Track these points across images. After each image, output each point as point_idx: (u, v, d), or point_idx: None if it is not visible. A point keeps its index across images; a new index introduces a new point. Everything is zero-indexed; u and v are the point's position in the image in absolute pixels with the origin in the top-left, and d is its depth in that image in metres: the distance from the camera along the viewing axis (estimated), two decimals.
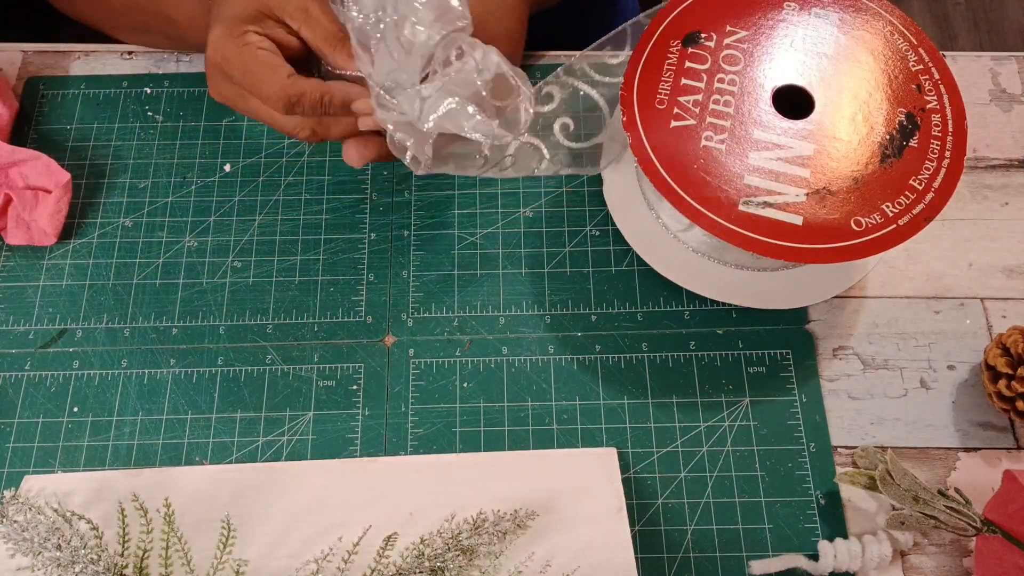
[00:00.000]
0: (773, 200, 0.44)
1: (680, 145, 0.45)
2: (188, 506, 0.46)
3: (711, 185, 0.44)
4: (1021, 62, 0.60)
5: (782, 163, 0.45)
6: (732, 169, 0.45)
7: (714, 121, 0.46)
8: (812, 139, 0.45)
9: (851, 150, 0.45)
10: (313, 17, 0.44)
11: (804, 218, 0.43)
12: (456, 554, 0.42)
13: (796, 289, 0.50)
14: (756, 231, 0.43)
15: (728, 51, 0.48)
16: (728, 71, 0.47)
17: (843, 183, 0.44)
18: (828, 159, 0.45)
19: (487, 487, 0.47)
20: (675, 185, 0.44)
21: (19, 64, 0.60)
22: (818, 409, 0.49)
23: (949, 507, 0.44)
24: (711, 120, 0.46)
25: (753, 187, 0.44)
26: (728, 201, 0.44)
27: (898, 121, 0.46)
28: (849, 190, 0.44)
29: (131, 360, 0.51)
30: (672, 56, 0.48)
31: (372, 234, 0.55)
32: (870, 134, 0.45)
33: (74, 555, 0.41)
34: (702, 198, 0.44)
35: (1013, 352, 0.47)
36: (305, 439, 0.49)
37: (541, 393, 0.50)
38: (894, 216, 0.44)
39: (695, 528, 0.47)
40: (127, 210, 0.55)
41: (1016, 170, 0.56)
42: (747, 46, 0.48)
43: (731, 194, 0.44)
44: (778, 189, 0.44)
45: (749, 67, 0.47)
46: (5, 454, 0.49)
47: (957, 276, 0.53)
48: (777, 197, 0.44)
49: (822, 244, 0.43)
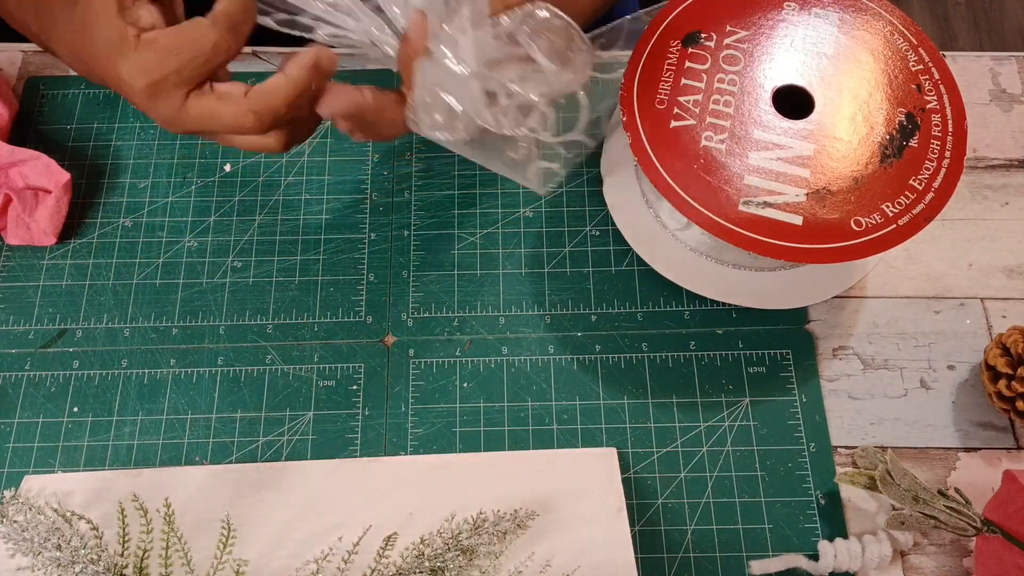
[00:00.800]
0: (773, 200, 0.44)
1: (680, 145, 0.45)
2: (188, 506, 0.46)
3: (711, 185, 0.44)
4: (1021, 62, 0.60)
5: (782, 163, 0.45)
6: (732, 169, 0.45)
7: (714, 121, 0.46)
8: (812, 139, 0.45)
9: (851, 150, 0.45)
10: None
11: (804, 218, 0.43)
12: (456, 554, 0.42)
13: (795, 289, 0.50)
14: (756, 231, 0.43)
15: (728, 51, 0.48)
16: (728, 71, 0.47)
17: (843, 183, 0.44)
18: (828, 159, 0.45)
19: (487, 487, 0.47)
20: (675, 184, 0.44)
21: (19, 64, 0.60)
22: (818, 409, 0.49)
23: (949, 507, 0.44)
24: (711, 120, 0.46)
25: (753, 187, 0.44)
26: (728, 201, 0.44)
27: (898, 121, 0.46)
28: (849, 190, 0.44)
29: (131, 360, 0.51)
30: (672, 56, 0.48)
31: (372, 234, 0.55)
32: (870, 134, 0.45)
33: (74, 555, 0.41)
34: (702, 198, 0.44)
35: (1013, 352, 0.47)
36: (305, 439, 0.49)
37: (541, 393, 0.50)
38: (894, 216, 0.44)
39: (695, 528, 0.47)
40: (127, 210, 0.55)
41: (1016, 170, 0.56)
42: (747, 46, 0.48)
43: (731, 194, 0.44)
44: (778, 189, 0.44)
45: (749, 67, 0.47)
46: (5, 454, 0.49)
47: (957, 276, 0.53)
48: (777, 197, 0.44)
49: (822, 244, 0.43)
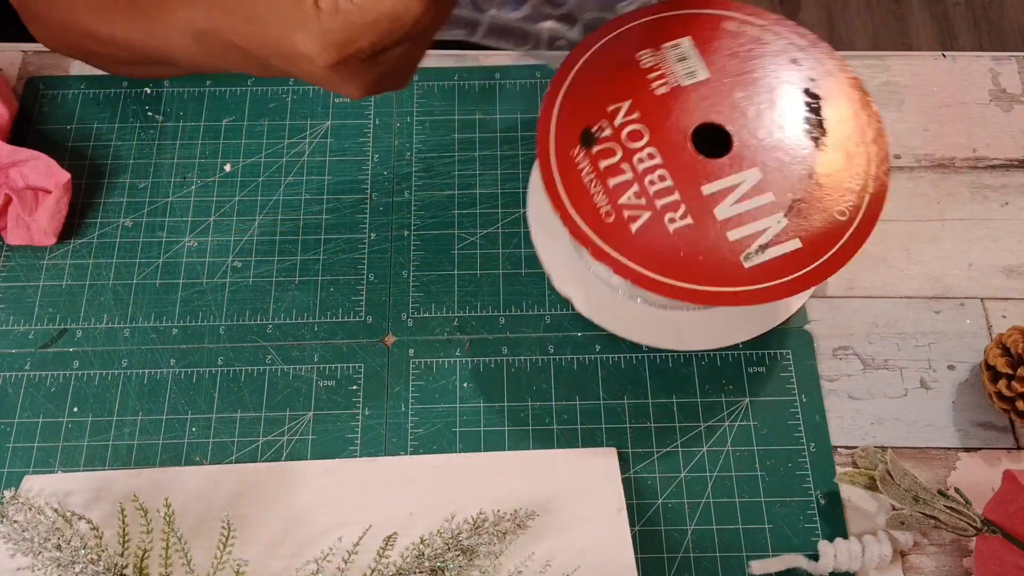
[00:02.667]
0: (764, 239, 0.42)
1: (655, 244, 0.42)
2: (188, 506, 0.46)
3: (706, 262, 0.42)
4: (1021, 62, 0.60)
5: (745, 202, 0.43)
6: (711, 235, 0.42)
7: (664, 201, 0.43)
8: (750, 163, 0.44)
9: (786, 150, 0.44)
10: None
11: (799, 238, 0.42)
12: (456, 554, 0.42)
13: (740, 318, 0.49)
14: (771, 277, 0.41)
15: (628, 128, 0.44)
16: (640, 147, 0.44)
17: (803, 184, 0.43)
18: (776, 172, 0.44)
19: (487, 487, 0.47)
20: (676, 282, 0.42)
21: (19, 64, 0.60)
22: (818, 409, 0.49)
23: (949, 507, 0.44)
24: (660, 202, 0.43)
25: (740, 239, 0.42)
26: (732, 265, 0.42)
27: (804, 102, 0.45)
28: (812, 187, 0.43)
29: (131, 360, 0.51)
30: (583, 165, 0.44)
31: (372, 234, 0.55)
32: (791, 126, 0.45)
33: (74, 555, 0.41)
34: (707, 278, 0.42)
35: (1013, 352, 0.47)
36: (305, 439, 0.49)
37: (541, 393, 0.50)
38: (861, 188, 0.43)
39: (695, 528, 0.47)
40: (127, 210, 0.55)
41: (1016, 170, 0.56)
42: (639, 114, 0.45)
43: (729, 257, 0.42)
44: (759, 227, 0.42)
45: (656, 133, 0.44)
46: (5, 454, 0.49)
47: (957, 276, 0.53)
48: (764, 234, 0.42)
49: (828, 251, 0.42)
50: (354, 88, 0.36)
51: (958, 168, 0.56)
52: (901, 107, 0.58)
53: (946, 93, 0.59)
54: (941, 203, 0.55)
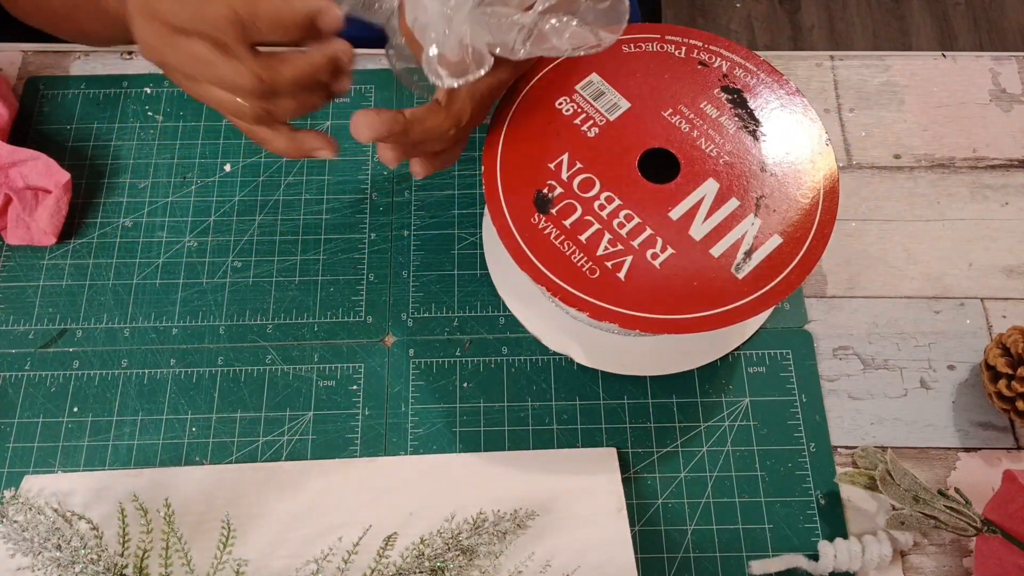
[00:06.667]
0: (747, 246, 0.42)
1: (646, 283, 0.41)
2: (188, 506, 0.46)
3: (701, 286, 0.41)
4: (1021, 62, 0.60)
5: (714, 214, 0.43)
6: (697, 258, 0.42)
7: (639, 239, 0.42)
8: (703, 175, 0.44)
9: (731, 152, 0.44)
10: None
11: (776, 233, 0.42)
12: (456, 554, 0.42)
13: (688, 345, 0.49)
14: (767, 280, 0.41)
15: (577, 180, 0.44)
16: (596, 194, 0.43)
17: (759, 179, 0.43)
18: (731, 176, 0.44)
19: (487, 487, 0.47)
20: (683, 316, 0.41)
21: (19, 64, 0.60)
22: (818, 409, 0.49)
23: (949, 507, 0.44)
24: (636, 241, 0.42)
25: (724, 252, 0.42)
26: (727, 281, 0.41)
27: (724, 99, 0.45)
28: (768, 180, 0.43)
29: (131, 360, 0.51)
30: (548, 230, 0.42)
31: (372, 234, 0.55)
32: (725, 129, 0.45)
33: (74, 555, 0.41)
34: (708, 302, 0.41)
35: (1013, 352, 0.47)
36: (305, 439, 0.49)
37: (541, 393, 0.50)
38: (812, 166, 0.44)
39: (695, 528, 0.47)
40: (127, 210, 0.55)
41: (1016, 170, 0.56)
42: (581, 164, 0.44)
43: (721, 274, 0.42)
44: (737, 235, 0.42)
45: (605, 175, 0.44)
46: (5, 454, 0.49)
47: (957, 276, 0.53)
48: (745, 240, 0.42)
49: (808, 235, 0.42)
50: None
51: (958, 168, 0.56)
52: (901, 107, 0.58)
53: (946, 93, 0.59)
54: (941, 203, 0.55)
